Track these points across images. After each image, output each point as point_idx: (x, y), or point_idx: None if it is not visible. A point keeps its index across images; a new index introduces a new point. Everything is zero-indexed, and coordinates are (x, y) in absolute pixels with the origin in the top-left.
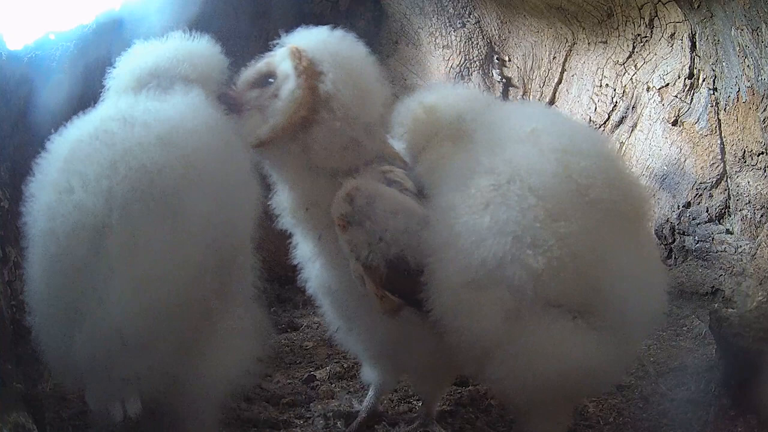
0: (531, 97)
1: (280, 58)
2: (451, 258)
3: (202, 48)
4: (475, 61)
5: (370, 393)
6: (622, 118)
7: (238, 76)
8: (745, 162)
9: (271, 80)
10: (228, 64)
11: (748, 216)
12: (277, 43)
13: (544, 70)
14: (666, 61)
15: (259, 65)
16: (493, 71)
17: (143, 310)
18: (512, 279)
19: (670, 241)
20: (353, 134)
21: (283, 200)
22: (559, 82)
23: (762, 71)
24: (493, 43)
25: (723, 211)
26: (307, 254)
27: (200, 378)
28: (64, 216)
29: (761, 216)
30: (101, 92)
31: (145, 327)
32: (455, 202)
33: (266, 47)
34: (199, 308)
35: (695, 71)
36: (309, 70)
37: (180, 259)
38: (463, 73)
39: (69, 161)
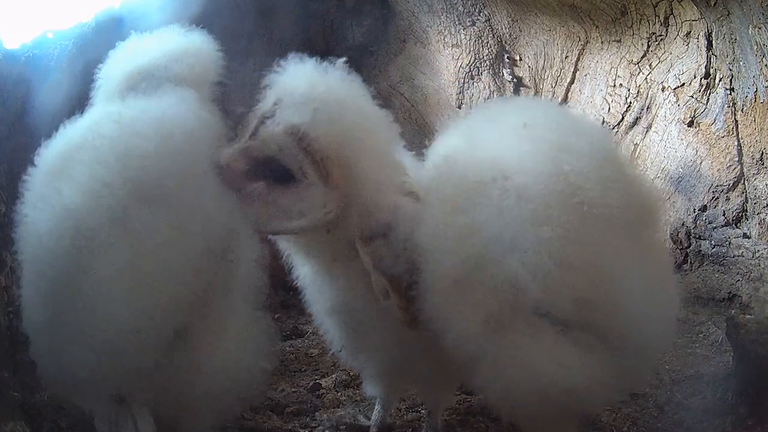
0: (543, 97)
1: (281, 144)
2: (436, 258)
3: (197, 44)
4: (485, 61)
5: (377, 407)
6: (637, 118)
7: (239, 75)
8: (762, 164)
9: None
10: (224, 60)
11: (766, 220)
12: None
13: (556, 70)
14: (681, 60)
15: (252, 145)
16: (504, 71)
17: (126, 309)
18: (491, 282)
19: (685, 245)
20: (381, 195)
21: None
22: (572, 81)
23: None
24: (503, 42)
25: (740, 214)
26: (313, 274)
27: (190, 383)
28: (49, 219)
29: None
30: None
31: (127, 326)
32: (442, 197)
33: (269, 46)
34: (182, 307)
35: (711, 71)
36: (332, 170)
37: (163, 250)
38: (473, 73)
39: (54, 171)
